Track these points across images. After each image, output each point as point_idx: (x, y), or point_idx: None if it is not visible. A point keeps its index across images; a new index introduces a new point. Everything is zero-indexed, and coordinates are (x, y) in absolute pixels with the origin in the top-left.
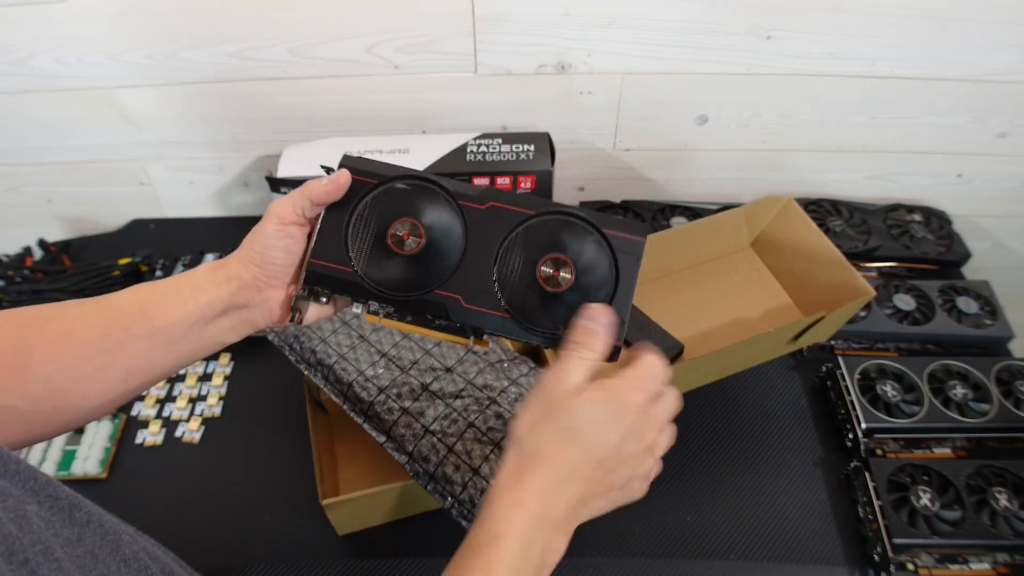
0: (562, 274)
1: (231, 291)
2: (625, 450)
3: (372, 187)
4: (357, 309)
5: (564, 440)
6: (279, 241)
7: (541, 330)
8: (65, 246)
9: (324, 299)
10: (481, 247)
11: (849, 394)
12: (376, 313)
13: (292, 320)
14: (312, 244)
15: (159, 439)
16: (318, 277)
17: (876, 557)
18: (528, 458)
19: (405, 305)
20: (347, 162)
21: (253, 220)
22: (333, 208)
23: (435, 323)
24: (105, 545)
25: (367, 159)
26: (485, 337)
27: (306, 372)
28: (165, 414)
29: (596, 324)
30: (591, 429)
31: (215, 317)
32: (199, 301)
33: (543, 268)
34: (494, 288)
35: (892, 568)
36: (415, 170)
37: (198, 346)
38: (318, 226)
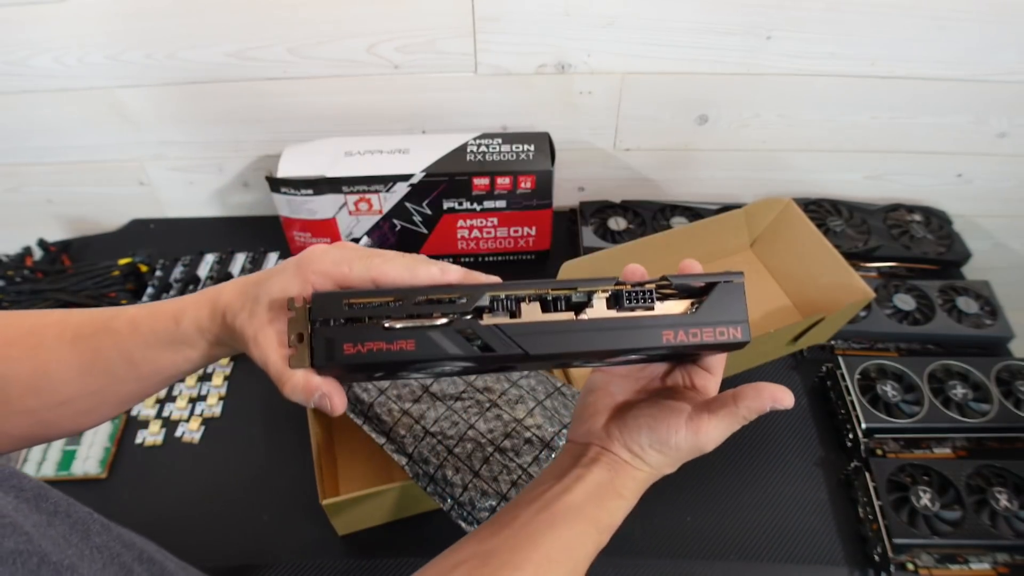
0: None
1: (223, 353)
2: None
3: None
4: None
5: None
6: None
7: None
8: (65, 246)
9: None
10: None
11: (849, 394)
12: None
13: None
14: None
15: (159, 439)
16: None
17: (876, 557)
18: (651, 480)
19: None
20: (330, 368)
21: (253, 220)
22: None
23: None
24: (74, 533)
25: (359, 354)
26: None
27: None
28: (165, 414)
29: (766, 405)
30: None
31: (212, 362)
32: (190, 356)
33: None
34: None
35: (892, 568)
36: (426, 358)
37: (197, 371)
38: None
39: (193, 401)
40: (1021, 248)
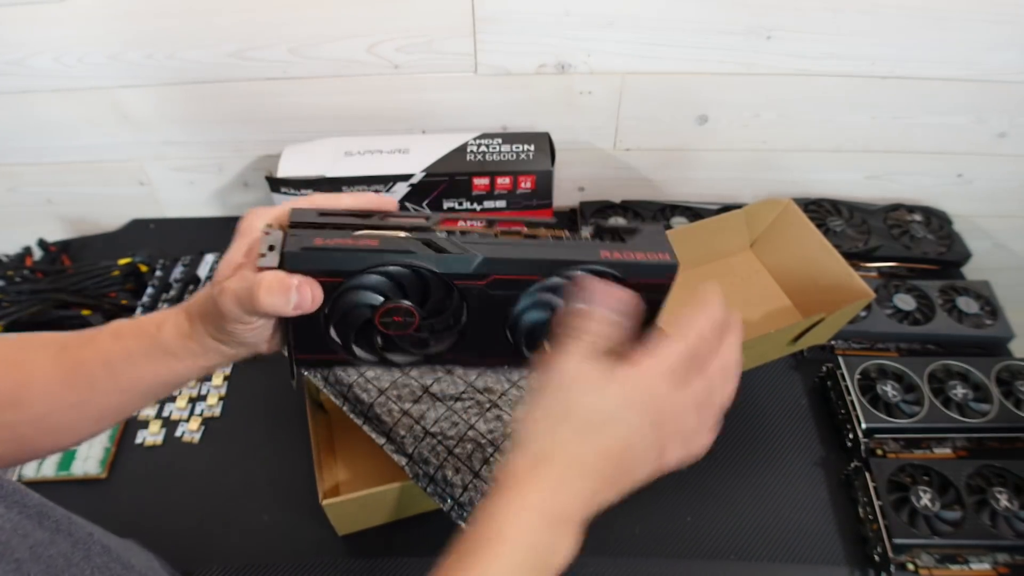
0: None
1: (208, 363)
2: (645, 441)
3: (339, 287)
4: None
5: (574, 438)
6: (240, 328)
7: None
8: (65, 246)
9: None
10: (488, 316)
11: (849, 394)
12: None
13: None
14: (291, 340)
15: (159, 439)
16: (309, 364)
17: (876, 557)
18: (536, 458)
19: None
20: (301, 257)
21: None
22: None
23: None
24: (76, 552)
25: (327, 245)
26: None
27: (306, 373)
28: (165, 414)
29: (590, 303)
30: (603, 424)
31: (188, 376)
32: (174, 367)
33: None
34: (510, 347)
35: (892, 568)
36: (388, 249)
37: (175, 389)
38: (290, 331)
39: (193, 401)
40: (1021, 248)
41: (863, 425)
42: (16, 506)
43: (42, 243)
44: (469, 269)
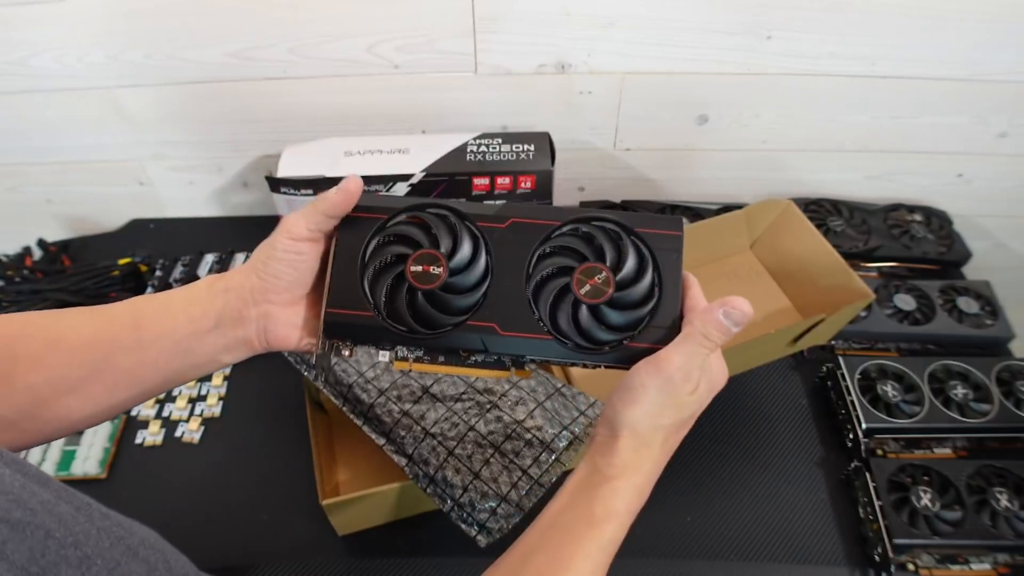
0: (599, 284)
1: (225, 302)
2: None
3: (382, 223)
4: (384, 357)
5: (672, 426)
6: (286, 255)
7: (589, 347)
8: (65, 246)
9: (347, 351)
10: (509, 268)
11: (849, 394)
12: (405, 359)
13: (317, 379)
14: (326, 294)
15: (159, 439)
16: (337, 327)
17: (876, 557)
18: (640, 444)
19: (436, 343)
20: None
21: (253, 220)
22: (344, 249)
23: (471, 359)
24: (80, 514)
25: (373, 195)
26: (527, 367)
27: (306, 374)
28: (165, 414)
29: (733, 323)
30: (694, 414)
31: (206, 332)
32: (190, 313)
33: (580, 279)
34: (530, 309)
35: (893, 568)
36: (425, 199)
37: (190, 363)
38: (329, 272)
39: (193, 401)
40: (1021, 248)
41: (863, 425)
42: (19, 472)
43: (42, 243)
44: (491, 211)
